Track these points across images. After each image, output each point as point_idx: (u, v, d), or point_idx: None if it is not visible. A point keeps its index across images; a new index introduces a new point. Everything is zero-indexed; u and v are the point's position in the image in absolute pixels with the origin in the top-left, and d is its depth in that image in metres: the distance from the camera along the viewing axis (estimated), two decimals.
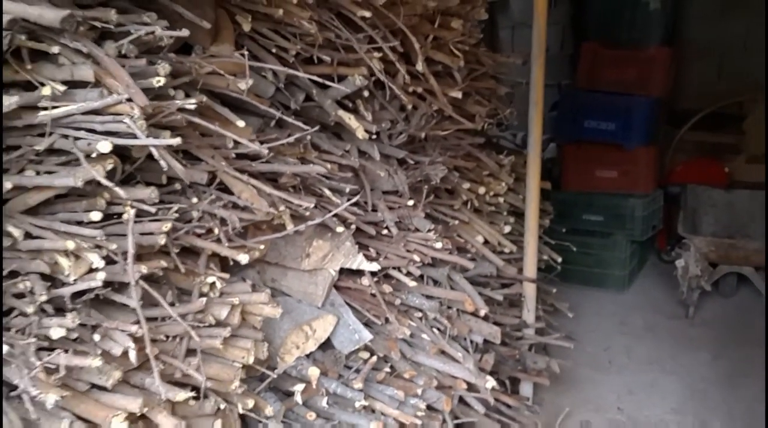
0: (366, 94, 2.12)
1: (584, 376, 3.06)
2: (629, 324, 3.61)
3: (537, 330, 2.79)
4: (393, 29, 2.11)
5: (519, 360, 2.69)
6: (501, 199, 2.94)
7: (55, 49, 1.29)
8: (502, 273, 2.76)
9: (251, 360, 1.70)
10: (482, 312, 2.45)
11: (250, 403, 1.74)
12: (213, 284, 1.68)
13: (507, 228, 2.91)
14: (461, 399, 2.44)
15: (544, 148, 4.30)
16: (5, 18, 1.17)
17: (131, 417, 1.40)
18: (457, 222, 2.62)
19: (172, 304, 1.58)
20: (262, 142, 1.70)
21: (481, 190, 2.76)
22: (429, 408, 2.26)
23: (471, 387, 2.38)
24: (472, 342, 2.48)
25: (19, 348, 1.26)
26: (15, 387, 1.29)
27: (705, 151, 4.27)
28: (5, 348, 1.21)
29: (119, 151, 1.44)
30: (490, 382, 2.35)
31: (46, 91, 1.28)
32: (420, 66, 2.12)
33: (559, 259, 3.08)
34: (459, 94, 2.46)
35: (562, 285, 3.22)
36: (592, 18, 4.28)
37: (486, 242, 2.75)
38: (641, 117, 4.02)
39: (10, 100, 1.28)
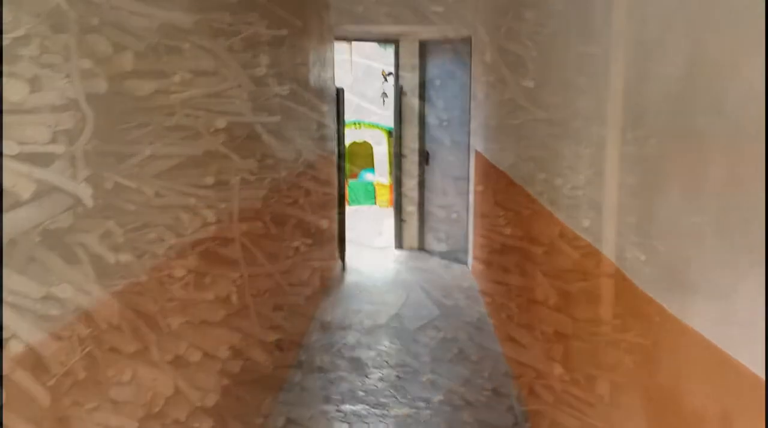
0: (438, 82, 2.66)
1: None
2: None
3: (613, 327, 3.22)
4: (465, 21, 2.64)
5: (592, 355, 3.12)
6: (580, 192, 3.39)
7: (186, 46, 1.90)
8: (577, 266, 3.21)
9: (329, 319, 2.26)
10: (551, 302, 2.91)
11: (327, 359, 2.30)
12: (297, 248, 2.26)
13: (586, 223, 3.36)
14: (530, 389, 2.90)
15: None
16: (156, 23, 1.78)
17: (232, 349, 1.99)
18: (529, 211, 3.10)
19: (262, 265, 2.17)
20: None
21: (558, 181, 3.23)
22: (494, 391, 2.73)
23: (540, 375, 2.83)
24: (542, 332, 2.94)
25: (153, 282, 1.85)
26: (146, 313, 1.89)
27: None
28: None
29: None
30: (558, 369, 2.80)
31: (176, 78, 1.89)
32: (488, 58, 2.65)
33: (643, 258, 3.49)
34: (531, 84, 2.96)
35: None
36: None
37: (561, 235, 3.21)
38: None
39: (150, 85, 1.90)
